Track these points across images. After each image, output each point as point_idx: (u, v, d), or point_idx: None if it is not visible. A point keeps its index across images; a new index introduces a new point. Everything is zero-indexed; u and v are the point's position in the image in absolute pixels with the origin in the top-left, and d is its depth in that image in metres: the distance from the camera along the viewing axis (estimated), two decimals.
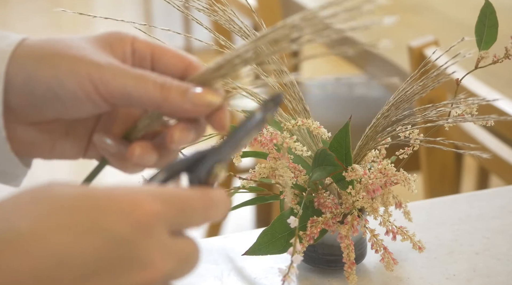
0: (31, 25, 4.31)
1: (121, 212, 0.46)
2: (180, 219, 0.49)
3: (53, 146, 0.60)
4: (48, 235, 0.44)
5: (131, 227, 0.46)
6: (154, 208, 0.47)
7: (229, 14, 0.75)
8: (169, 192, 0.49)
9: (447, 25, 1.95)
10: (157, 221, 0.47)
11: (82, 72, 0.55)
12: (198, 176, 0.52)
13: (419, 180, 0.78)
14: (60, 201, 0.46)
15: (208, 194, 0.50)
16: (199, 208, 0.50)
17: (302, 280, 0.81)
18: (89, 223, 0.45)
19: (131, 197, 0.47)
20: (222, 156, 0.53)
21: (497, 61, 0.79)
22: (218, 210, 0.51)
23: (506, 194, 0.98)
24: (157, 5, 4.33)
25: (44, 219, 0.45)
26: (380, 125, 0.79)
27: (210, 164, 0.52)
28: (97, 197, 0.46)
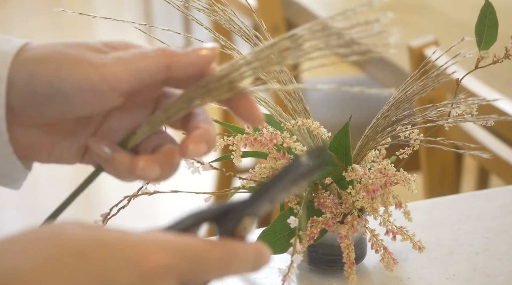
0: (31, 25, 4.31)
1: (128, 262, 0.45)
2: (193, 272, 0.47)
3: (52, 150, 0.59)
4: (49, 278, 0.43)
5: (137, 279, 0.44)
6: (163, 260, 0.45)
7: (229, 14, 0.75)
8: (183, 243, 0.47)
9: (447, 25, 1.95)
10: (165, 274, 0.45)
11: (86, 66, 0.55)
12: (225, 227, 0.50)
13: (419, 180, 0.78)
14: (67, 243, 0.45)
15: (230, 246, 0.48)
16: (215, 261, 0.48)
17: (302, 280, 0.81)
18: (93, 271, 0.44)
19: (141, 247, 0.45)
20: (254, 209, 0.50)
21: (497, 61, 0.79)
22: (243, 264, 0.49)
23: (506, 194, 0.98)
24: (157, 5, 4.33)
25: (49, 262, 0.44)
26: (380, 125, 0.79)
27: (240, 217, 0.50)
28: (105, 243, 0.45)
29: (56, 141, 0.59)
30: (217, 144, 0.78)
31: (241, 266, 0.49)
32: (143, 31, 0.75)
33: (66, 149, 0.59)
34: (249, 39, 0.76)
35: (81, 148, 0.60)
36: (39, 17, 4.43)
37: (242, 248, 0.49)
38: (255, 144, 0.77)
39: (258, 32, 0.77)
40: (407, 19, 2.00)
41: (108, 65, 0.55)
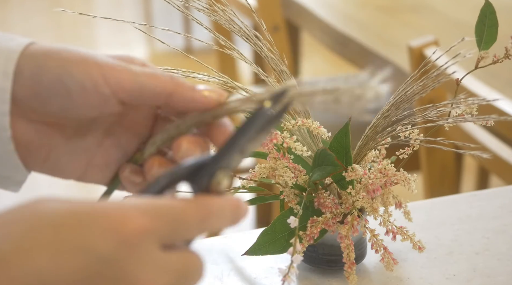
0: (31, 25, 4.31)
1: (106, 230, 0.45)
2: (173, 233, 0.47)
3: (49, 155, 0.59)
4: (29, 255, 0.43)
5: (116, 245, 0.44)
6: (142, 224, 0.45)
7: (229, 14, 0.75)
8: (160, 205, 0.47)
9: (447, 25, 1.95)
10: (145, 238, 0.45)
11: (92, 65, 0.55)
12: (199, 185, 0.50)
13: (419, 180, 0.78)
14: (43, 218, 0.45)
15: (205, 203, 0.49)
16: (193, 220, 0.48)
17: (302, 280, 0.81)
18: (73, 241, 0.44)
19: (118, 214, 0.45)
20: (224, 162, 0.50)
21: (497, 61, 0.79)
22: (220, 218, 0.49)
23: (506, 194, 0.98)
24: (157, 5, 4.33)
25: (26, 238, 0.44)
26: (380, 125, 0.79)
27: (212, 171, 0.50)
28: (82, 213, 0.45)
29: (55, 145, 0.59)
30: None
31: (218, 221, 0.49)
32: (143, 31, 0.75)
33: (64, 158, 0.59)
34: (249, 39, 0.76)
35: (80, 161, 0.60)
36: (39, 17, 4.43)
37: (218, 203, 0.49)
38: None
39: (258, 32, 0.77)
40: (407, 19, 2.00)
41: (115, 69, 0.55)
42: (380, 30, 1.97)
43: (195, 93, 0.56)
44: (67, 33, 4.26)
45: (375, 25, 2.01)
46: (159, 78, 0.56)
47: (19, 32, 4.16)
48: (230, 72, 2.18)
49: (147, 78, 0.55)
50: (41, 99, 0.56)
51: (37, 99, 0.56)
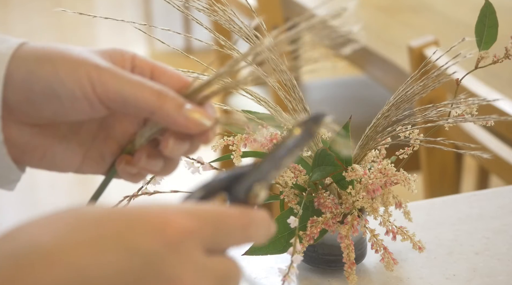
0: (31, 26, 4.31)
1: (150, 230, 0.44)
2: (217, 237, 0.47)
3: (45, 153, 0.59)
4: (71, 250, 0.43)
5: (160, 245, 0.44)
6: (186, 225, 0.45)
7: (229, 14, 0.75)
8: (204, 209, 0.47)
9: (447, 25, 1.95)
10: (189, 239, 0.45)
11: (81, 71, 0.55)
12: (236, 196, 0.50)
13: (419, 180, 0.78)
14: (87, 219, 0.45)
15: (248, 212, 0.48)
16: (237, 226, 0.48)
17: (302, 280, 0.81)
18: (115, 239, 0.44)
19: (162, 215, 0.45)
20: (262, 175, 0.50)
21: (497, 61, 0.79)
22: (258, 230, 0.49)
23: (506, 194, 0.98)
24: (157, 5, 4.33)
25: (69, 235, 0.44)
26: (380, 125, 0.79)
27: (249, 183, 0.50)
28: (125, 214, 0.45)
29: (50, 144, 0.59)
30: (217, 144, 0.78)
31: (257, 232, 0.49)
32: (143, 31, 0.75)
33: (60, 155, 0.60)
34: (249, 39, 0.76)
35: (77, 157, 0.60)
36: (39, 17, 4.43)
37: (257, 215, 0.49)
38: (255, 144, 0.77)
39: (258, 32, 0.77)
40: (407, 19, 2.00)
41: (103, 74, 0.55)
42: (380, 30, 1.97)
43: (179, 117, 0.55)
44: (68, 33, 4.26)
45: (375, 25, 2.01)
46: (144, 91, 0.55)
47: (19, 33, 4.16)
48: None
49: (133, 90, 0.55)
50: (33, 104, 0.56)
51: (29, 104, 0.57)
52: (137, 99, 0.55)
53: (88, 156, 0.60)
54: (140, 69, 0.58)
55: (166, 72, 0.58)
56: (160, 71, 0.59)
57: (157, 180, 0.77)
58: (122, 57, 0.58)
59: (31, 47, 0.57)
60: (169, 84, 0.58)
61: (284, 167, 0.52)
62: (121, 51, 0.58)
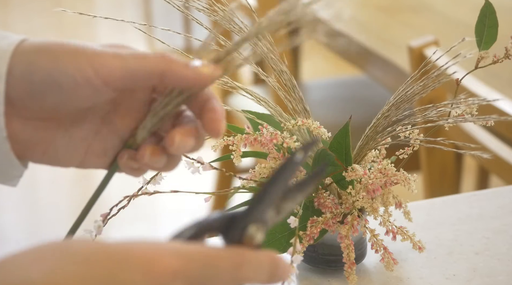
0: (31, 26, 4.31)
1: (138, 267, 0.45)
2: (204, 278, 0.46)
3: (48, 147, 0.59)
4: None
5: (146, 282, 0.44)
6: (173, 265, 0.45)
7: (229, 14, 0.75)
8: (192, 248, 0.47)
9: (447, 25, 1.95)
10: (176, 279, 0.45)
11: (82, 58, 0.55)
12: (231, 238, 0.49)
13: (419, 180, 0.78)
14: (75, 254, 0.45)
15: (240, 252, 0.48)
16: (226, 266, 0.47)
17: (302, 280, 0.81)
18: (104, 277, 0.44)
19: (150, 253, 0.46)
20: (257, 216, 0.49)
21: (497, 61, 0.79)
22: (255, 271, 0.48)
23: (506, 194, 0.98)
24: (157, 5, 4.33)
25: (59, 271, 0.44)
26: (380, 125, 0.79)
27: (244, 225, 0.49)
28: (115, 251, 0.46)
29: (52, 139, 0.59)
30: (217, 144, 0.78)
31: (254, 273, 0.48)
32: (143, 31, 0.75)
33: (62, 149, 0.60)
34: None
35: (80, 151, 0.60)
36: (39, 17, 4.43)
37: (253, 255, 0.48)
38: (255, 144, 0.77)
39: None
40: (407, 19, 2.00)
41: (105, 57, 0.55)
42: (380, 30, 1.97)
43: (188, 71, 0.55)
44: (68, 33, 4.26)
45: (375, 25, 2.01)
46: (149, 59, 0.55)
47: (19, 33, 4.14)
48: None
49: (138, 61, 0.55)
50: (34, 96, 0.56)
51: (30, 97, 0.57)
52: (144, 68, 0.55)
53: (90, 150, 0.60)
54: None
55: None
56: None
57: (157, 180, 0.77)
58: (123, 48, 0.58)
59: (31, 42, 0.57)
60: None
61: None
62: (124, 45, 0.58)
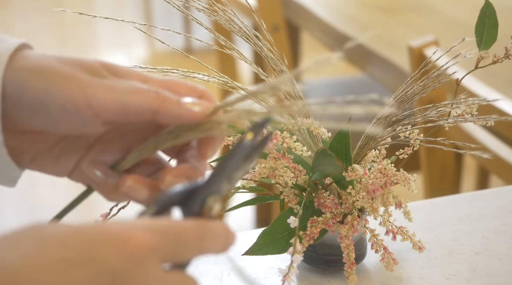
0: (31, 26, 4.31)
1: (113, 244, 0.46)
2: (174, 251, 0.48)
3: (35, 157, 0.59)
4: (37, 270, 0.44)
5: (123, 259, 0.45)
6: (147, 241, 0.47)
7: (229, 14, 0.75)
8: (162, 224, 0.49)
9: (447, 25, 1.95)
10: (150, 254, 0.47)
11: (75, 87, 0.54)
12: (191, 210, 0.52)
13: (419, 180, 0.78)
14: (49, 237, 0.46)
15: (203, 224, 0.50)
16: (192, 239, 0.49)
17: (302, 280, 0.81)
18: (80, 256, 0.45)
19: (123, 231, 0.47)
20: (214, 188, 0.52)
21: (497, 61, 0.79)
22: (214, 241, 0.50)
23: (506, 194, 0.98)
24: (157, 5, 4.33)
25: (34, 254, 0.44)
26: (381, 125, 0.79)
27: (203, 197, 0.52)
28: (88, 232, 0.46)
29: (40, 150, 0.59)
30: None
31: (213, 244, 0.50)
32: (143, 31, 0.75)
33: (51, 160, 0.59)
34: (249, 39, 0.76)
35: (68, 165, 0.60)
36: (39, 17, 4.43)
37: (213, 226, 0.50)
38: None
39: (258, 32, 0.77)
40: (407, 19, 2.00)
41: (98, 88, 0.54)
42: (380, 30, 1.97)
43: (181, 109, 0.55)
44: (68, 33, 4.26)
45: (375, 25, 2.01)
46: (143, 95, 0.55)
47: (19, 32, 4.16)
48: (230, 72, 2.18)
49: (131, 96, 0.55)
50: (22, 115, 0.56)
51: (18, 114, 0.56)
52: (137, 103, 0.55)
53: (79, 165, 0.60)
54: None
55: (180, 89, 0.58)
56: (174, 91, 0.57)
57: None
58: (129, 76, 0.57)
59: (28, 57, 0.56)
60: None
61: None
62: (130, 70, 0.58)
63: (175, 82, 0.58)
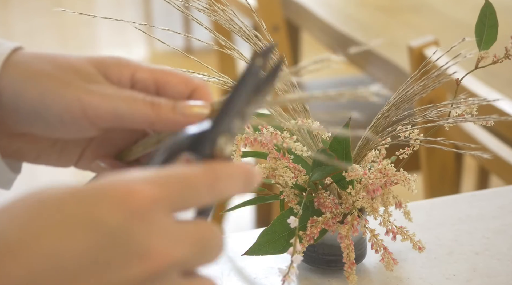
0: (31, 26, 4.31)
1: (112, 202, 0.43)
2: (183, 199, 0.45)
3: (38, 155, 0.59)
4: (37, 238, 0.42)
5: (125, 217, 0.43)
6: (150, 193, 0.44)
7: (229, 14, 0.75)
8: (165, 173, 0.45)
9: (447, 25, 1.95)
10: (155, 207, 0.44)
11: (70, 96, 0.54)
12: (202, 154, 0.48)
13: (419, 180, 0.78)
14: (46, 203, 0.44)
15: (213, 167, 0.47)
16: (203, 183, 0.46)
17: (302, 280, 0.81)
18: (79, 218, 0.43)
19: (123, 187, 0.44)
20: (224, 127, 0.48)
21: (497, 61, 0.79)
22: (231, 181, 0.47)
23: (506, 194, 0.98)
24: (157, 5, 4.33)
25: (32, 221, 0.43)
26: (380, 125, 0.79)
27: (213, 138, 0.48)
28: (85, 191, 0.44)
29: (43, 148, 0.59)
30: None
31: (229, 185, 0.47)
32: (143, 31, 0.75)
33: (55, 155, 0.60)
34: (249, 39, 0.76)
35: (73, 157, 0.60)
36: (39, 17, 4.43)
37: (227, 166, 0.47)
38: (255, 144, 0.77)
39: (258, 32, 0.77)
40: (407, 19, 2.00)
41: (93, 96, 0.54)
42: (380, 30, 1.97)
43: (176, 115, 0.55)
44: (68, 33, 4.26)
45: (375, 25, 2.01)
46: (138, 106, 0.54)
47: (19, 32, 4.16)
48: (230, 72, 2.18)
49: (126, 107, 0.54)
50: (20, 123, 0.56)
51: (16, 123, 0.56)
52: (132, 115, 0.54)
53: (84, 155, 0.60)
54: (142, 84, 0.57)
55: (171, 79, 0.57)
56: (164, 79, 0.57)
57: None
58: (119, 70, 0.57)
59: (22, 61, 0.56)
60: (177, 92, 0.57)
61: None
62: (120, 63, 0.57)
63: (165, 72, 0.57)
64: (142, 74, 0.57)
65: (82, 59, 0.57)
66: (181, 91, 0.57)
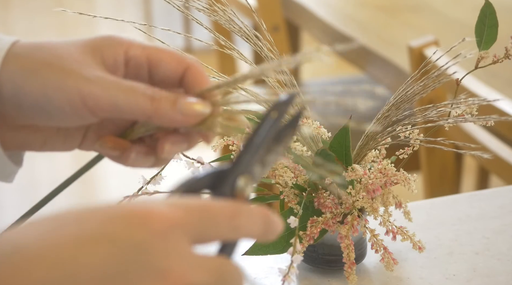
0: (32, 25, 4.31)
1: (134, 220, 0.43)
2: (203, 227, 0.45)
3: (44, 143, 0.60)
4: (54, 248, 0.42)
5: (145, 233, 0.43)
6: (170, 215, 0.43)
7: (229, 14, 0.75)
8: (187, 200, 0.46)
9: (447, 25, 1.95)
10: (175, 229, 0.43)
11: (71, 87, 0.54)
12: (222, 193, 0.48)
13: (419, 180, 0.78)
14: (67, 217, 0.44)
15: (235, 204, 0.47)
16: (223, 215, 0.45)
17: (302, 280, 0.81)
18: (97, 233, 0.43)
19: (145, 208, 0.44)
20: (244, 168, 0.49)
21: (497, 61, 0.79)
22: (250, 222, 0.47)
23: (506, 194, 0.98)
24: (157, 5, 4.33)
25: (51, 233, 0.43)
26: (380, 125, 0.79)
27: (232, 178, 0.49)
28: (107, 210, 0.44)
29: (48, 136, 0.60)
30: (217, 144, 0.78)
31: (250, 223, 0.46)
32: (143, 31, 0.75)
33: (60, 141, 0.60)
34: (249, 39, 0.76)
35: (76, 140, 0.60)
36: (40, 17, 4.43)
37: (248, 207, 0.47)
38: None
39: (258, 32, 0.77)
40: (407, 19, 2.00)
41: (93, 85, 0.54)
42: (380, 30, 1.97)
43: (174, 113, 0.55)
44: (68, 33, 4.26)
45: (375, 25, 2.01)
46: (138, 98, 0.54)
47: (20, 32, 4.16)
48: (230, 72, 2.18)
49: (126, 98, 0.54)
50: (23, 116, 0.57)
51: (19, 116, 0.57)
52: (131, 107, 0.54)
53: (88, 137, 0.60)
54: (135, 61, 0.57)
55: (164, 57, 0.57)
56: (157, 56, 0.57)
57: (157, 180, 0.77)
58: (113, 49, 0.57)
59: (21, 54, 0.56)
60: (169, 70, 0.57)
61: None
62: (113, 41, 0.57)
63: (158, 49, 0.57)
64: (135, 51, 0.57)
65: (78, 45, 0.57)
66: (173, 68, 0.57)
